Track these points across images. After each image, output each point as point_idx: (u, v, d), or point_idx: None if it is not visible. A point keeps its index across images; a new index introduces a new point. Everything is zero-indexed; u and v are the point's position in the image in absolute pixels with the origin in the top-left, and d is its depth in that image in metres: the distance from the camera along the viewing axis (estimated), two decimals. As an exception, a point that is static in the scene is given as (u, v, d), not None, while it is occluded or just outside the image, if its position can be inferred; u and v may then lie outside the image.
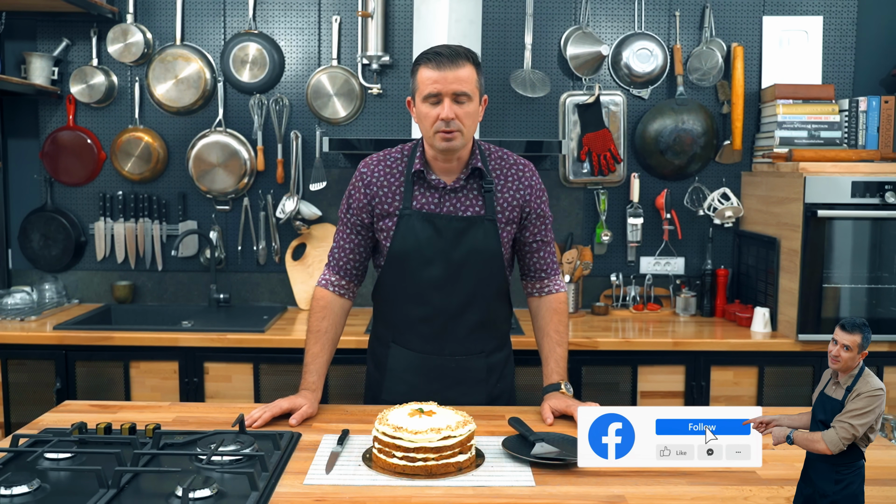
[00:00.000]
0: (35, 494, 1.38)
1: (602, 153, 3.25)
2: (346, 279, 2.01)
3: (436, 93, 1.82)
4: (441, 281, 1.93)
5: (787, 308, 2.88)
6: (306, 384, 1.92)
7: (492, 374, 2.04)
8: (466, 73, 1.83)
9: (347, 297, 2.03)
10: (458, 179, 1.94)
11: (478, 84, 1.87)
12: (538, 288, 2.04)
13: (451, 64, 1.82)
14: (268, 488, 1.43)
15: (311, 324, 1.98)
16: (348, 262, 2.00)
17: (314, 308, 2.00)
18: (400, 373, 2.01)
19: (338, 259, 2.01)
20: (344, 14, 3.28)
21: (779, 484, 1.49)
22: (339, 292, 2.01)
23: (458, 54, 1.84)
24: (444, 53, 1.83)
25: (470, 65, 1.85)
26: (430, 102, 1.84)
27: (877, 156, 2.91)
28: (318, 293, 2.01)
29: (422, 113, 1.86)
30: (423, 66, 1.84)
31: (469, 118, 1.85)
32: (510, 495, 1.44)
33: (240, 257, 3.36)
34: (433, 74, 1.82)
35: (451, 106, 1.82)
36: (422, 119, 1.87)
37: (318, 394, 1.91)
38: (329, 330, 1.97)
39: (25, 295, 3.08)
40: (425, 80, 1.83)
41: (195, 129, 3.30)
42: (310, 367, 1.94)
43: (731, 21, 3.31)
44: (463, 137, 1.86)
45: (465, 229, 1.92)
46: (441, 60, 1.82)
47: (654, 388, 2.82)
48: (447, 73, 1.81)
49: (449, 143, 1.85)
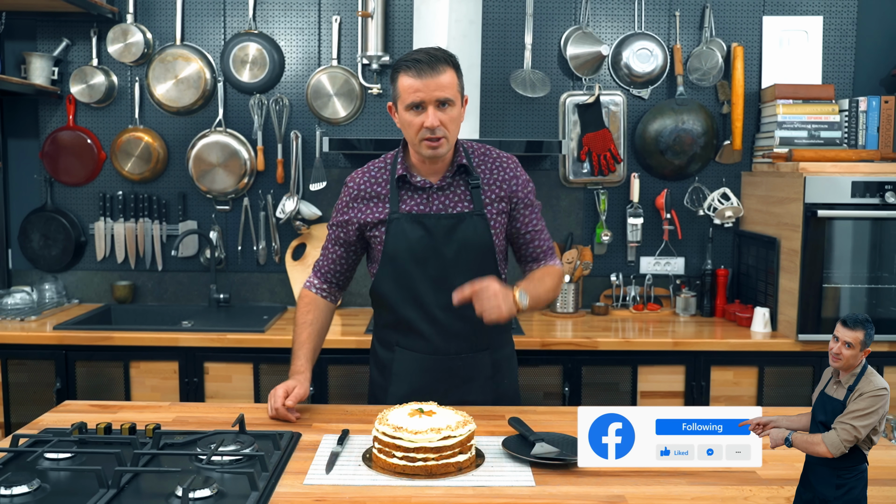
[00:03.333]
0: (35, 494, 1.38)
1: (602, 153, 3.25)
2: (328, 285, 2.09)
3: (419, 101, 1.82)
4: (436, 279, 1.94)
5: (787, 308, 2.88)
6: (295, 368, 1.96)
7: (498, 370, 2.05)
8: (448, 79, 1.83)
9: (330, 300, 2.10)
10: (444, 178, 1.96)
11: (459, 87, 1.87)
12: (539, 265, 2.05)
13: (432, 70, 1.81)
14: (268, 488, 1.43)
15: (297, 317, 2.05)
16: (330, 271, 2.07)
17: (299, 305, 2.08)
18: (406, 375, 2.01)
19: (321, 267, 2.09)
20: (344, 14, 3.28)
21: (779, 484, 1.49)
22: (323, 295, 2.08)
23: (438, 59, 1.83)
24: (423, 60, 1.82)
25: (450, 69, 1.84)
26: (414, 111, 1.84)
27: (877, 156, 2.91)
28: (304, 293, 2.09)
29: (405, 121, 1.86)
30: (404, 73, 1.83)
31: (453, 123, 1.86)
32: (510, 495, 1.44)
33: (240, 257, 3.36)
34: (415, 83, 1.81)
35: (435, 113, 1.82)
36: (406, 127, 1.88)
37: (307, 374, 1.94)
38: (314, 322, 2.03)
39: (25, 295, 3.08)
40: (407, 88, 1.82)
41: (195, 129, 3.30)
42: (297, 353, 1.99)
43: (731, 21, 3.31)
44: (448, 143, 1.88)
45: (454, 226, 1.93)
46: (421, 67, 1.81)
47: (654, 388, 2.82)
48: (428, 80, 1.80)
49: (435, 151, 1.87)
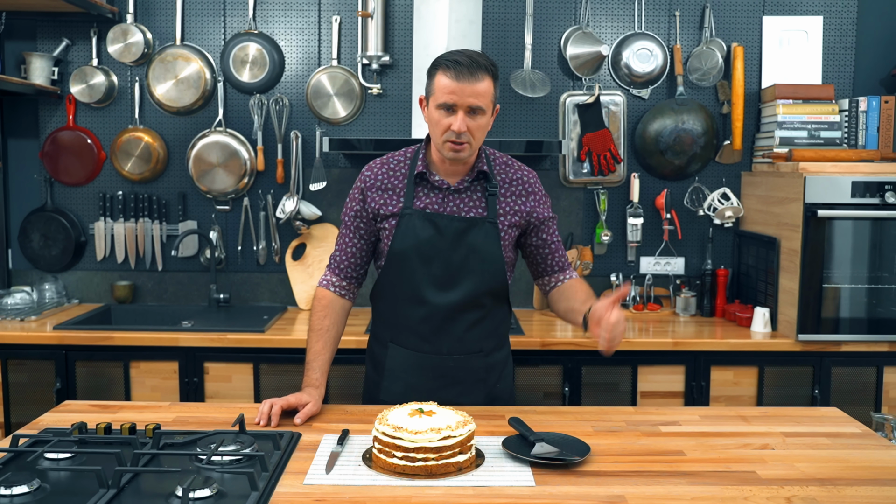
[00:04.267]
0: (35, 494, 1.38)
1: (602, 153, 3.25)
2: (346, 280, 2.04)
3: (451, 103, 1.81)
4: (440, 281, 1.94)
5: (787, 308, 2.88)
6: (309, 381, 1.92)
7: (491, 374, 2.04)
8: (484, 87, 1.81)
9: (348, 297, 2.05)
10: (462, 181, 1.95)
11: (493, 97, 1.86)
12: (556, 280, 2.05)
13: (471, 76, 1.79)
14: (268, 488, 1.43)
15: (313, 322, 2.00)
16: (349, 265, 2.03)
17: (315, 307, 2.02)
18: (398, 372, 2.02)
19: (339, 261, 2.03)
20: (344, 14, 3.28)
21: (779, 484, 1.49)
22: (340, 293, 2.03)
23: (479, 66, 1.81)
24: (464, 63, 1.80)
25: (489, 78, 1.82)
26: (444, 111, 1.83)
27: (877, 156, 2.91)
28: (320, 293, 2.03)
29: (433, 119, 1.86)
30: (442, 72, 1.82)
31: (480, 131, 1.86)
32: (510, 495, 1.44)
33: (240, 257, 3.36)
34: (451, 84, 1.80)
35: (464, 119, 1.81)
36: (433, 125, 1.87)
37: (321, 391, 1.92)
38: (331, 328, 1.99)
39: (25, 295, 3.08)
40: (442, 88, 1.81)
41: (195, 129, 3.30)
42: (312, 365, 1.95)
43: (731, 21, 3.31)
44: (471, 149, 1.87)
45: (465, 230, 1.93)
46: (461, 71, 1.79)
47: (654, 388, 2.82)
48: (465, 85, 1.79)
49: (457, 154, 1.86)
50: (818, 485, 1.49)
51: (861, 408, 2.72)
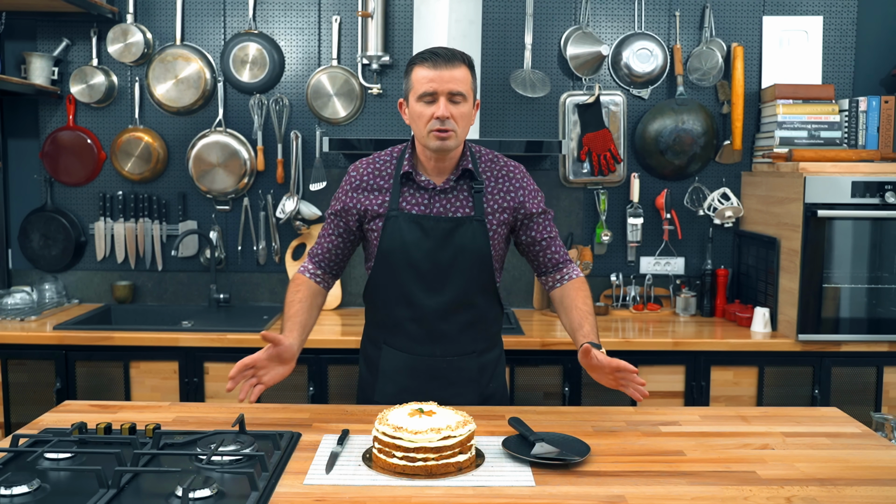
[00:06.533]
0: (35, 494, 1.38)
1: (602, 153, 3.25)
2: (322, 271, 2.06)
3: (431, 91, 1.84)
4: (429, 281, 1.95)
5: (787, 308, 2.88)
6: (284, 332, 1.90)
7: (483, 373, 2.05)
8: (462, 74, 1.86)
9: (323, 286, 2.07)
10: (447, 181, 1.95)
11: (472, 86, 1.90)
12: (557, 279, 2.03)
13: (447, 64, 1.84)
14: (268, 488, 1.43)
15: (287, 296, 2.00)
16: (324, 258, 2.05)
17: (290, 287, 2.03)
18: (392, 374, 2.02)
19: (316, 253, 2.06)
20: (344, 14, 3.28)
21: (779, 484, 1.49)
22: (316, 280, 2.05)
23: (454, 55, 1.87)
24: (440, 53, 1.86)
25: (465, 66, 1.87)
26: (426, 101, 1.85)
27: (877, 156, 2.91)
28: (296, 276, 2.06)
29: (416, 112, 1.87)
30: (419, 65, 1.87)
31: (463, 119, 1.88)
32: (510, 495, 1.44)
33: (240, 257, 3.36)
34: (429, 73, 1.84)
35: (446, 105, 1.84)
36: (415, 119, 1.88)
37: (294, 334, 1.89)
38: (304, 300, 1.98)
39: (25, 295, 3.08)
40: (421, 78, 1.85)
41: (195, 129, 3.30)
42: (286, 325, 1.92)
43: (731, 21, 3.31)
44: (457, 137, 1.88)
45: (453, 230, 1.93)
46: (437, 60, 1.84)
47: (654, 388, 2.82)
48: (443, 72, 1.83)
49: (443, 143, 1.86)
50: (818, 485, 1.49)
51: (861, 408, 2.72)
